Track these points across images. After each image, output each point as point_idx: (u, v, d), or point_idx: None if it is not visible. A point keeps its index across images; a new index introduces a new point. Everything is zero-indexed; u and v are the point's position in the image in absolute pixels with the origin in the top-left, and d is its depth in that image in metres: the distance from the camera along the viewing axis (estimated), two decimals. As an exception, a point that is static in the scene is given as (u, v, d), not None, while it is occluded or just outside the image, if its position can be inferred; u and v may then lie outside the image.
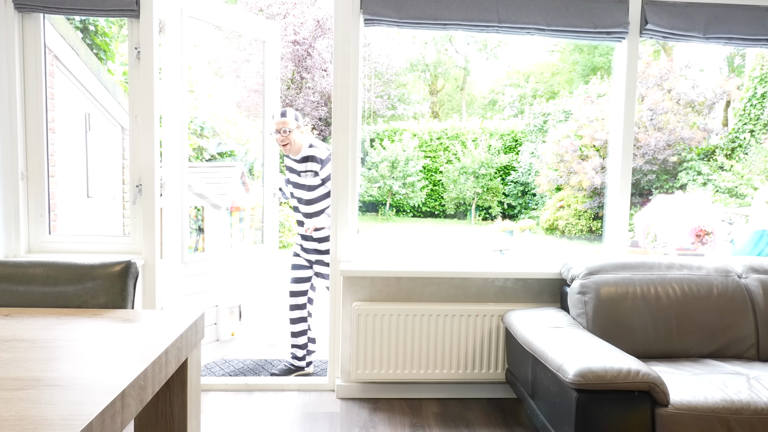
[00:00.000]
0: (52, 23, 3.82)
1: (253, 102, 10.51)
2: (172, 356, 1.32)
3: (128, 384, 1.07)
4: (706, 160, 11.09)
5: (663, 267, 2.61)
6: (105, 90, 4.82)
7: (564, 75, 18.42)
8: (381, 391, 2.88)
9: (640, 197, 11.50)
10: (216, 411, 2.69)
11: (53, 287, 1.65)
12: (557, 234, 11.92)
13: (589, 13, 2.77)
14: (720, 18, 2.81)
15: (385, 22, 2.74)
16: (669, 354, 2.46)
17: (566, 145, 11.76)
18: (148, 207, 2.75)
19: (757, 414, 1.93)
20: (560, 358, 2.01)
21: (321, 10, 13.53)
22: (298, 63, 13.90)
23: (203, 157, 6.95)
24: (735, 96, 11.17)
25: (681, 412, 1.91)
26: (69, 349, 1.26)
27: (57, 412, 0.94)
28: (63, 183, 4.29)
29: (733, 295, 2.51)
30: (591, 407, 1.88)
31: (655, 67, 11.32)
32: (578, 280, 2.57)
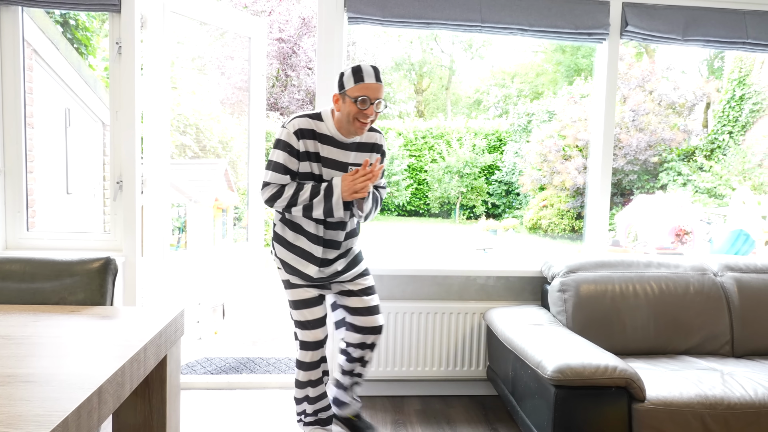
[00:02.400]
0: (31, 17, 3.76)
1: (237, 99, 10.46)
2: (150, 353, 1.31)
3: (105, 380, 1.06)
4: (686, 160, 11.26)
5: (641, 265, 2.65)
6: (86, 85, 4.76)
7: (548, 75, 18.57)
8: (363, 389, 2.89)
9: (621, 197, 11.65)
10: (198, 409, 2.68)
11: (30, 284, 1.64)
12: (540, 233, 12.03)
13: (571, 14, 2.80)
14: (698, 21, 2.86)
15: (369, 21, 2.74)
16: (646, 351, 2.50)
17: (550, 145, 11.86)
18: (129, 204, 2.72)
19: (731, 408, 1.97)
20: (539, 354, 2.04)
21: (306, 8, 13.47)
22: (283, 60, 13.83)
23: (186, 154, 6.89)
24: (714, 98, 11.36)
25: (657, 407, 1.95)
26: (46, 345, 1.25)
27: (32, 408, 0.93)
28: (42, 179, 4.24)
29: (709, 293, 2.56)
30: (569, 403, 1.90)
31: (637, 68, 11.47)
32: (558, 278, 2.60)
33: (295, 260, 2.20)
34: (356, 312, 2.29)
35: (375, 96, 2.03)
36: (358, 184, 2.04)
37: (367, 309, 2.29)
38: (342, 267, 2.26)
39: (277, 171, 2.09)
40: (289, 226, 2.21)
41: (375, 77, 2.03)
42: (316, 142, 2.10)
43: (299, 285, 2.24)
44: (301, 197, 2.08)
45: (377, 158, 2.11)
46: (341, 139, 2.13)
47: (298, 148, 2.07)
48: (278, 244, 2.24)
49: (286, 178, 2.09)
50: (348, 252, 2.29)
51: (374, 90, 2.03)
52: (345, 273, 2.28)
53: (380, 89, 2.05)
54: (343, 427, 2.47)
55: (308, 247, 2.18)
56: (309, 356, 2.26)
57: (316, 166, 2.12)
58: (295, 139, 2.06)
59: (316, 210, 2.08)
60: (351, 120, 2.04)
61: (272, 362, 3.34)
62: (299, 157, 2.09)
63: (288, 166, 2.09)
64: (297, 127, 2.07)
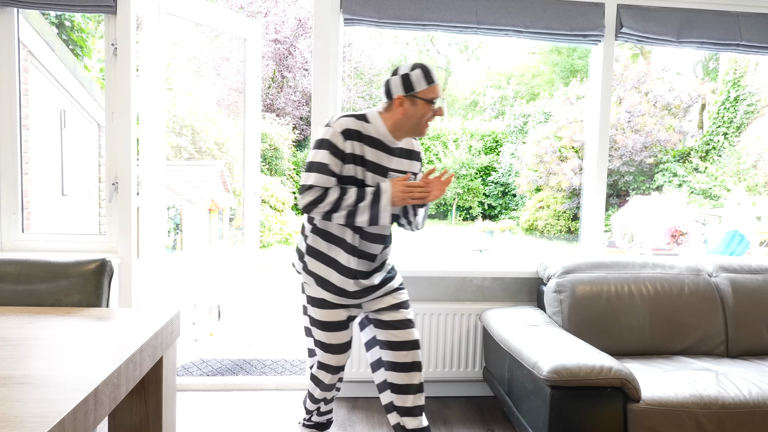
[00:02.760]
0: (26, 18, 3.75)
1: (233, 100, 10.45)
2: (146, 354, 1.31)
3: (101, 381, 1.06)
4: (682, 162, 11.31)
5: (637, 266, 2.66)
6: (81, 87, 4.75)
7: (544, 77, 18.61)
8: (359, 390, 2.89)
9: (617, 198, 11.68)
10: (194, 411, 2.68)
11: (26, 285, 1.63)
12: (537, 234, 12.05)
13: (566, 15, 2.81)
14: (692, 22, 2.88)
15: (365, 22, 2.75)
16: (642, 351, 2.51)
17: (546, 147, 11.89)
18: (125, 205, 2.72)
19: (725, 408, 1.98)
20: (535, 355, 2.04)
21: (302, 9, 13.48)
22: (279, 62, 13.83)
23: (182, 156, 6.88)
24: (709, 99, 11.42)
25: (652, 407, 1.96)
26: (42, 347, 1.25)
27: (28, 410, 0.93)
28: (37, 181, 4.22)
29: (703, 294, 2.57)
30: (565, 403, 1.91)
31: (632, 70, 11.51)
32: (554, 279, 2.60)
33: (330, 273, 2.02)
34: (389, 326, 2.09)
35: (441, 96, 2.00)
36: (416, 194, 1.93)
37: (400, 322, 2.09)
38: (378, 281, 2.09)
39: (322, 172, 1.91)
40: (322, 236, 2.03)
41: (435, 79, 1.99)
42: (363, 144, 1.96)
43: (330, 305, 2.05)
44: (346, 202, 1.90)
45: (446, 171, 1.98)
46: (388, 143, 2.00)
47: (344, 149, 1.92)
48: (310, 257, 2.05)
49: (332, 180, 1.92)
50: (383, 265, 2.14)
51: (439, 89, 1.99)
52: (381, 288, 2.10)
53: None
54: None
55: (344, 259, 2.01)
56: (329, 378, 2.13)
57: (360, 170, 1.97)
58: (341, 139, 1.91)
59: (360, 216, 1.91)
60: (422, 123, 1.95)
61: (268, 364, 3.34)
62: (344, 159, 1.93)
63: (332, 168, 1.92)
64: (344, 126, 1.93)
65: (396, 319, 2.10)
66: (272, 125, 12.23)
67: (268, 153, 11.71)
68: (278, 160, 11.92)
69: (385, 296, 2.12)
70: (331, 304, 2.05)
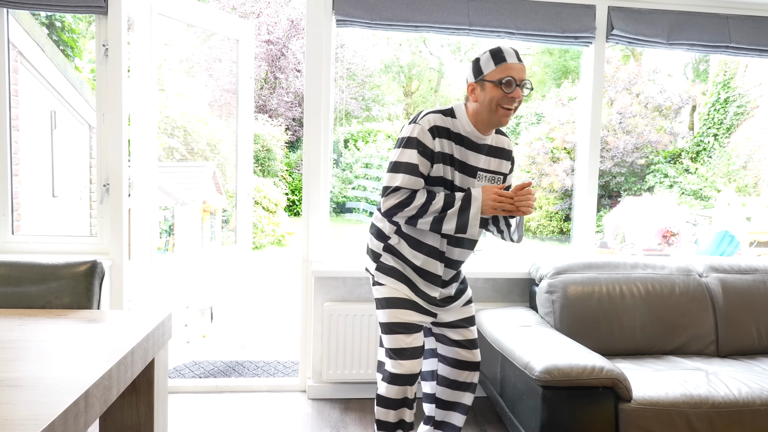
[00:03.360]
0: (16, 18, 3.73)
1: (225, 101, 10.42)
2: (138, 356, 1.31)
3: (92, 384, 1.06)
4: (673, 163, 11.38)
5: (628, 266, 2.67)
6: (72, 87, 4.73)
7: (536, 78, 18.69)
8: (352, 392, 2.89)
9: (609, 199, 11.74)
10: (185, 413, 2.66)
11: (15, 287, 1.62)
12: (529, 235, 12.09)
13: (557, 17, 2.83)
14: (683, 25, 2.90)
15: (357, 23, 2.75)
16: (633, 351, 2.52)
17: (538, 148, 11.93)
18: (116, 207, 2.70)
19: (715, 407, 2.00)
20: (527, 356, 2.05)
21: (295, 10, 13.47)
22: (272, 63, 13.81)
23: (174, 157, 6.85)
24: (700, 101, 11.50)
25: (643, 406, 1.97)
26: (32, 349, 1.24)
27: (18, 413, 0.93)
28: (27, 182, 4.20)
29: (694, 294, 2.59)
30: (557, 403, 1.92)
31: (624, 71, 11.58)
32: (546, 280, 2.62)
33: (414, 278, 1.92)
34: (456, 344, 2.01)
35: (520, 77, 1.78)
36: (506, 205, 1.79)
37: (469, 342, 2.02)
38: (454, 291, 2.00)
39: (410, 173, 1.79)
40: (405, 238, 1.91)
41: (516, 57, 1.79)
42: (451, 142, 1.83)
43: (407, 304, 1.92)
44: (433, 207, 1.78)
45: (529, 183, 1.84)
46: (476, 139, 1.87)
47: (433, 148, 1.80)
48: (389, 255, 1.94)
49: (420, 182, 1.80)
50: (458, 275, 2.02)
51: (519, 70, 1.78)
52: (456, 300, 2.02)
53: (524, 70, 1.80)
54: None
55: (427, 265, 1.90)
56: (394, 391, 1.88)
57: (450, 170, 1.84)
58: (429, 137, 1.79)
59: (447, 223, 1.79)
60: (494, 108, 1.78)
61: (261, 365, 3.33)
62: (433, 159, 1.81)
63: (421, 168, 1.80)
64: (432, 123, 1.81)
65: (466, 339, 2.03)
66: (265, 126, 12.20)
67: (261, 154, 11.68)
68: (271, 161, 11.89)
69: (459, 308, 2.02)
70: (409, 303, 1.92)
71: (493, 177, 1.94)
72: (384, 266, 1.94)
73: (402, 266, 1.93)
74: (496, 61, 1.77)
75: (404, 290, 1.93)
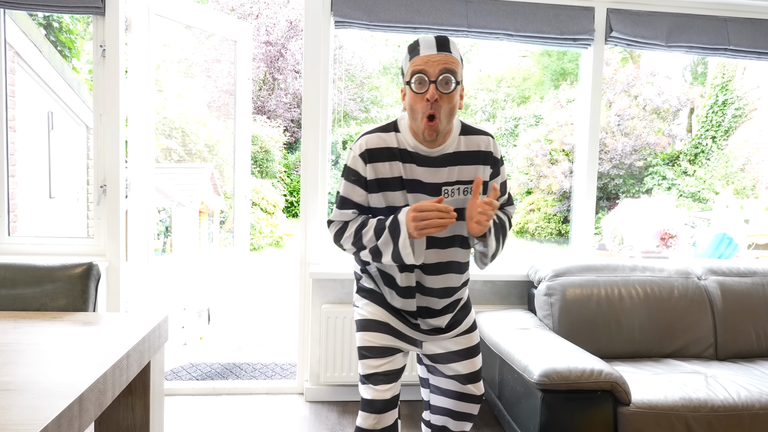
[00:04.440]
0: (13, 19, 3.72)
1: (223, 102, 10.41)
2: (133, 360, 1.30)
3: (86, 388, 1.05)
4: (671, 165, 11.40)
5: (626, 269, 2.67)
6: (69, 88, 4.71)
7: (534, 80, 18.72)
8: (350, 394, 2.88)
9: (607, 201, 11.75)
10: (183, 416, 2.65)
11: (10, 290, 1.61)
12: (527, 237, 12.09)
13: (556, 19, 2.82)
14: (681, 27, 2.90)
15: (355, 25, 2.75)
16: (632, 354, 2.52)
17: (536, 150, 11.94)
18: (113, 208, 2.69)
19: (714, 411, 1.99)
20: (526, 359, 2.04)
21: (294, 11, 13.47)
22: (271, 64, 13.80)
23: (172, 158, 6.84)
24: (698, 103, 11.52)
25: (642, 410, 1.96)
26: (26, 352, 1.23)
27: (11, 417, 0.92)
28: (24, 183, 4.18)
29: (692, 297, 2.59)
30: (555, 407, 1.91)
31: (622, 73, 11.59)
32: (545, 282, 2.61)
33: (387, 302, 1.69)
34: (455, 379, 1.74)
35: (435, 70, 1.44)
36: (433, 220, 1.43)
37: (466, 377, 1.72)
38: (446, 323, 1.70)
39: (340, 205, 1.61)
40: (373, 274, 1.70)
41: (437, 46, 1.46)
42: (397, 162, 1.54)
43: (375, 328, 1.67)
44: (366, 237, 1.54)
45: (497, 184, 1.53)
46: (426, 152, 1.55)
47: (365, 176, 1.56)
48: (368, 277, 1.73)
49: (348, 213, 1.60)
50: (455, 303, 1.71)
51: (435, 63, 1.44)
52: (449, 331, 1.72)
53: (446, 61, 1.44)
54: None
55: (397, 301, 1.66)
56: (369, 421, 1.61)
57: (400, 195, 1.56)
58: (361, 164, 1.55)
59: (385, 255, 1.53)
60: (415, 116, 1.48)
61: (258, 368, 3.32)
62: (368, 187, 1.57)
63: (354, 198, 1.58)
64: (364, 147, 1.55)
65: (462, 374, 1.72)
66: (263, 127, 12.19)
67: (259, 155, 11.67)
68: (269, 163, 11.88)
69: (450, 339, 1.72)
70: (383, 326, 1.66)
71: (467, 188, 1.59)
72: (362, 288, 1.74)
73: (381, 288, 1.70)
74: (411, 56, 1.48)
75: (379, 312, 1.68)
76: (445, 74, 1.43)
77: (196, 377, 3.11)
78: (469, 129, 1.61)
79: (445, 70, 1.44)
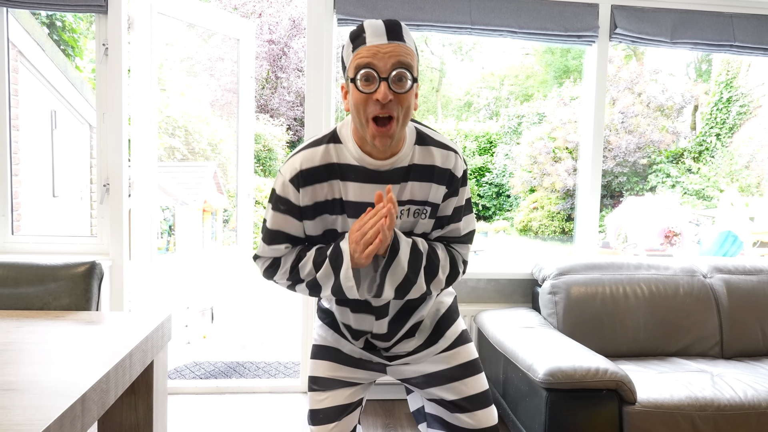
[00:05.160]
0: (16, 18, 3.72)
1: (227, 101, 10.42)
2: (136, 359, 1.29)
3: (89, 387, 1.04)
4: (675, 162, 11.35)
5: (631, 267, 2.65)
6: (72, 87, 4.72)
7: (538, 78, 18.67)
8: (354, 393, 2.87)
9: (611, 199, 11.71)
10: (186, 414, 2.65)
11: (13, 289, 1.61)
12: (531, 235, 12.06)
13: (560, 16, 2.81)
14: (686, 23, 2.88)
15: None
16: (637, 353, 2.50)
17: (540, 147, 11.91)
18: (116, 207, 2.69)
19: (720, 410, 1.98)
20: (530, 357, 2.03)
21: (297, 9, 13.46)
22: (273, 62, 13.80)
23: (175, 157, 6.84)
24: (702, 100, 11.47)
25: (647, 409, 1.95)
26: (28, 352, 1.22)
27: (13, 417, 0.91)
28: (27, 182, 4.19)
29: (698, 295, 2.57)
30: (560, 406, 1.90)
31: (626, 71, 11.55)
32: (549, 281, 2.59)
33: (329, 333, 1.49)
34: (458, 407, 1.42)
35: (386, 65, 1.15)
36: (369, 235, 1.19)
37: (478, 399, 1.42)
38: (415, 346, 1.44)
39: (269, 240, 1.33)
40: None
41: (386, 33, 1.16)
42: (336, 181, 1.27)
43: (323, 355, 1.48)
44: (304, 271, 1.30)
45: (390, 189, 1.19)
46: (374, 166, 1.25)
47: (298, 203, 1.28)
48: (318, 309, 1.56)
49: (280, 249, 1.33)
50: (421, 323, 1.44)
51: (385, 56, 1.15)
52: (424, 350, 1.44)
53: (399, 53, 1.15)
54: None
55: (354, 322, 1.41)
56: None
57: (341, 221, 1.30)
58: (292, 190, 1.27)
59: (324, 289, 1.30)
60: (362, 119, 1.19)
61: (262, 366, 3.32)
62: (302, 216, 1.30)
63: (286, 230, 1.31)
64: (296, 169, 1.26)
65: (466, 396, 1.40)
66: (266, 126, 12.20)
67: (262, 154, 11.67)
68: (272, 161, 11.89)
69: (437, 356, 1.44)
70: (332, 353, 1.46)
71: (420, 210, 1.31)
72: (320, 308, 1.54)
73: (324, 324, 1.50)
74: (353, 44, 1.19)
75: (330, 336, 1.48)
76: (398, 69, 1.15)
77: (199, 376, 3.10)
78: (427, 138, 1.31)
79: (398, 64, 1.15)
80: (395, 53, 1.15)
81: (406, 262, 1.26)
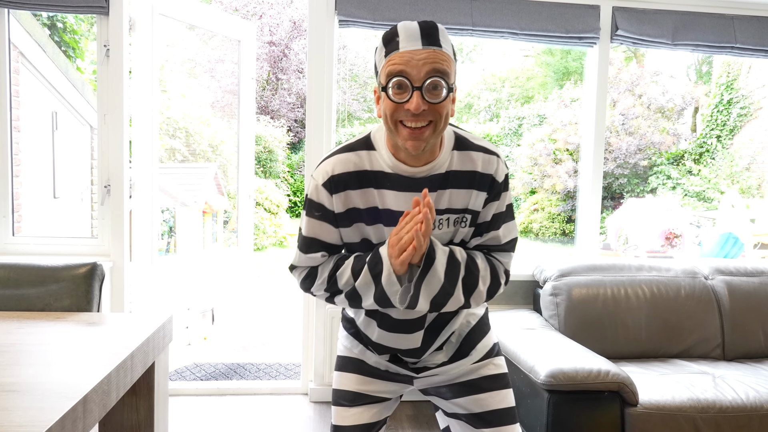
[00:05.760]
0: (17, 19, 3.72)
1: (227, 102, 10.43)
2: (138, 360, 1.29)
3: (91, 389, 1.04)
4: (676, 164, 11.35)
5: (633, 269, 2.65)
6: (73, 88, 4.72)
7: (538, 79, 18.68)
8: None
9: (612, 201, 11.71)
10: (187, 416, 2.65)
11: (14, 290, 1.60)
12: (531, 237, 12.06)
13: (562, 18, 2.81)
14: (687, 25, 2.88)
15: (359, 24, 2.73)
16: (638, 354, 2.50)
17: (540, 149, 11.91)
18: (117, 208, 2.69)
19: (722, 412, 1.97)
20: (532, 359, 2.03)
21: (297, 10, 13.47)
22: (274, 64, 13.81)
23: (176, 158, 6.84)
24: (703, 102, 11.47)
25: (649, 411, 1.95)
26: (30, 353, 1.22)
27: (14, 419, 0.91)
28: (28, 183, 4.19)
29: (699, 297, 2.57)
30: (562, 407, 1.89)
31: (626, 72, 11.55)
32: (550, 282, 2.59)
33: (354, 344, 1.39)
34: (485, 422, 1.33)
35: (420, 73, 1.07)
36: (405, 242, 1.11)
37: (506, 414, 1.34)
38: (444, 359, 1.35)
39: (305, 248, 1.26)
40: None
41: (422, 39, 1.09)
42: (370, 189, 1.20)
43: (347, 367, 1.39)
44: (342, 280, 1.23)
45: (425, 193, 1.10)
46: (409, 173, 1.19)
47: (332, 209, 1.22)
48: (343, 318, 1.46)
49: (317, 257, 1.26)
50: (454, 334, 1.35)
51: (419, 63, 1.07)
52: (453, 362, 1.35)
53: (434, 60, 1.08)
54: None
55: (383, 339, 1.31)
56: None
57: (373, 230, 1.23)
58: (326, 195, 1.21)
59: (365, 299, 1.21)
60: (393, 126, 1.12)
61: (262, 368, 3.31)
62: (337, 222, 1.24)
63: (322, 238, 1.25)
64: (329, 174, 1.20)
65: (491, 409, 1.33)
66: (267, 127, 12.19)
67: (263, 155, 11.67)
68: (273, 163, 11.89)
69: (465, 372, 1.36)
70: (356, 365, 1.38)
71: (460, 218, 1.24)
72: (344, 317, 1.45)
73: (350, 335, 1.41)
74: (386, 48, 1.11)
75: (355, 348, 1.39)
76: (433, 77, 1.07)
77: (200, 377, 3.10)
78: (467, 143, 1.23)
79: (433, 72, 1.07)
80: (430, 60, 1.07)
81: (443, 272, 1.18)
